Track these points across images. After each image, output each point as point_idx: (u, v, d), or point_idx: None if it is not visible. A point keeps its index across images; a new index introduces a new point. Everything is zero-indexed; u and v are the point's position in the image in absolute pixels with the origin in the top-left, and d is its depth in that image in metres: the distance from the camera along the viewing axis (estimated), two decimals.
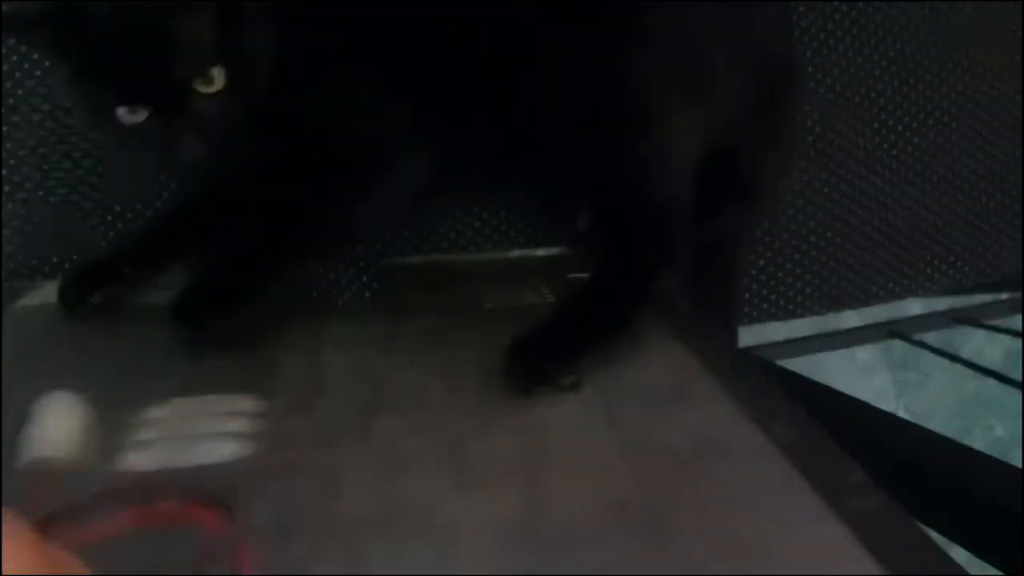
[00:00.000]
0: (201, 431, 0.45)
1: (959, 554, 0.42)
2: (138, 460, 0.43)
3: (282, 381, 0.51)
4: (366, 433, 0.45)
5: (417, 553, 0.36)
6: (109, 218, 0.72)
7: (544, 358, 0.51)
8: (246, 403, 0.48)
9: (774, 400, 0.48)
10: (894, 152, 0.82)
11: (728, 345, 0.68)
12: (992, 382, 1.40)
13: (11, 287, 0.67)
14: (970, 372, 1.42)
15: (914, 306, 0.93)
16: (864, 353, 1.40)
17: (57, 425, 0.44)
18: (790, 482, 0.41)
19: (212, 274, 0.60)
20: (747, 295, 0.80)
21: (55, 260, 0.71)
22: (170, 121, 0.53)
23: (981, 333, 1.39)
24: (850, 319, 0.87)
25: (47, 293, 0.64)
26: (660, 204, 0.60)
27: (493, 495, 0.41)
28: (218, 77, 0.54)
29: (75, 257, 0.71)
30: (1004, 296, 0.88)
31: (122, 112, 0.53)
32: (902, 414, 1.46)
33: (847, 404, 0.55)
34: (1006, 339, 1.40)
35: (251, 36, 0.56)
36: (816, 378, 1.33)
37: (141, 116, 0.53)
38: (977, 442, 1.47)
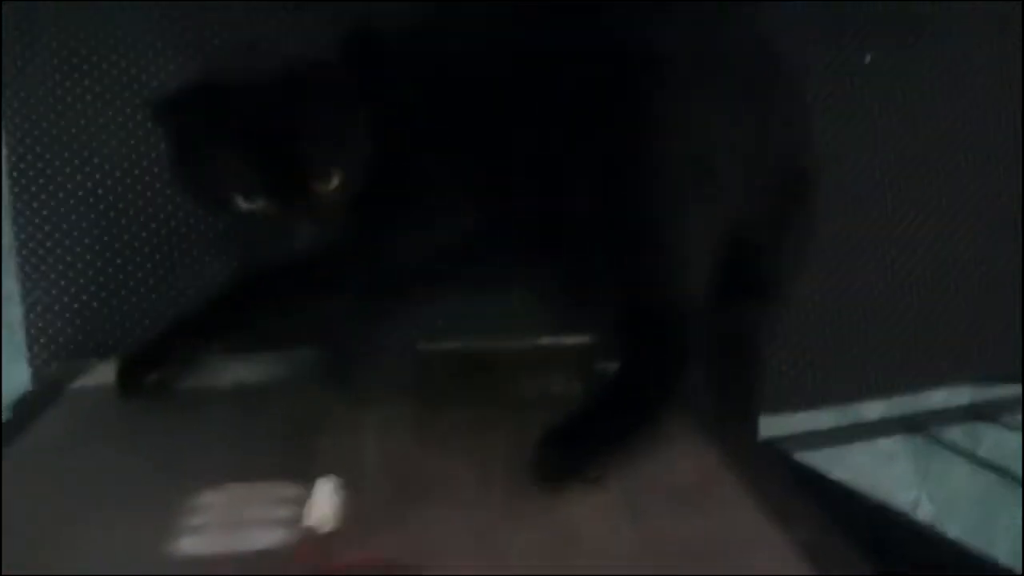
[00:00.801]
0: (251, 517, 0.48)
1: None
2: (193, 545, 0.45)
3: (323, 468, 0.54)
4: (402, 520, 0.48)
5: None
6: (163, 303, 0.76)
7: (573, 452, 0.54)
8: (291, 490, 0.51)
9: (794, 499, 0.50)
10: (906, 245, 0.85)
11: (749, 438, 0.70)
12: (1016, 465, 1.40)
13: (68, 368, 0.70)
14: (996, 457, 1.42)
15: (936, 396, 0.94)
16: (887, 440, 1.40)
17: (328, 504, 0.48)
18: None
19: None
20: (768, 386, 0.82)
21: (110, 342, 0.74)
22: (288, 213, 0.58)
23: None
24: (871, 409, 0.89)
25: (102, 374, 0.68)
26: (677, 305, 0.63)
27: None
28: (336, 178, 0.59)
29: (129, 340, 0.74)
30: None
31: (240, 200, 0.58)
32: (924, 503, 1.44)
33: (864, 503, 0.57)
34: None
35: (360, 137, 0.62)
36: (838, 464, 1.35)
37: (258, 204, 0.58)
38: (1001, 530, 1.45)
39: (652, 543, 0.47)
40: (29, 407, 0.64)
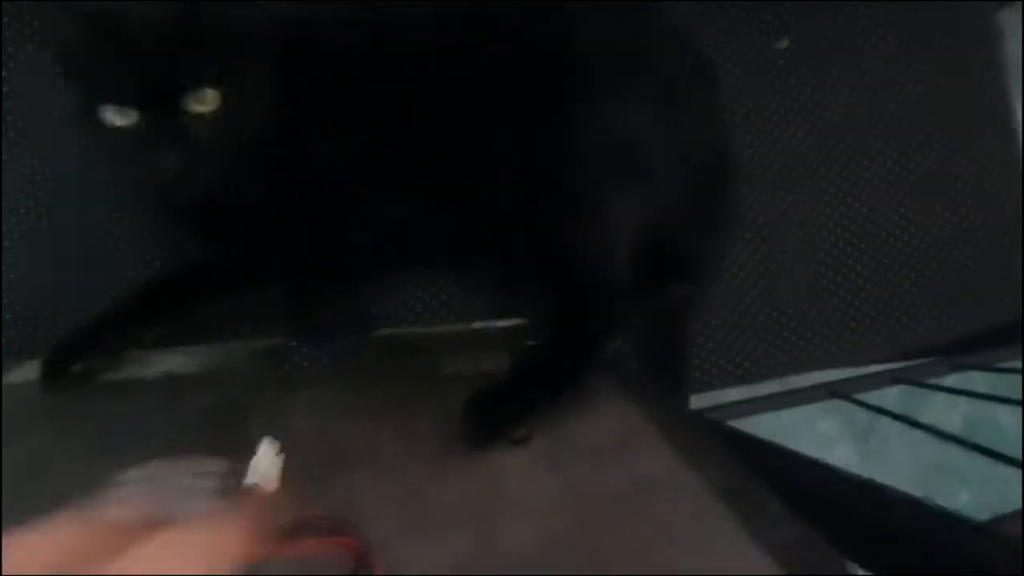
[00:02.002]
0: (174, 487, 0.48)
1: None
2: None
3: (252, 444, 0.54)
4: (329, 484, 0.49)
5: None
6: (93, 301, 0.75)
7: (496, 413, 0.56)
8: (215, 464, 0.51)
9: (708, 445, 0.52)
10: (835, 224, 0.88)
11: (675, 405, 0.72)
12: (954, 450, 1.44)
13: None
14: (932, 439, 1.46)
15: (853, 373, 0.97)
16: (826, 424, 1.43)
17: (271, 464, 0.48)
18: (719, 517, 0.44)
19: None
20: (699, 362, 0.84)
21: (40, 339, 0.74)
22: (156, 128, 0.57)
23: (939, 399, 1.43)
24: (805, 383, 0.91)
25: (29, 371, 0.68)
26: (598, 282, 0.66)
27: (443, 537, 0.44)
28: (211, 99, 0.58)
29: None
30: (946, 360, 0.92)
31: (113, 112, 0.57)
32: None
33: (781, 452, 0.59)
34: (964, 405, 1.44)
35: (252, 77, 0.61)
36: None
37: (130, 120, 0.57)
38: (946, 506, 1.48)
39: (572, 491, 0.48)
40: None
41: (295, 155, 0.66)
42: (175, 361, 0.68)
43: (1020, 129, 0.95)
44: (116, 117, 0.57)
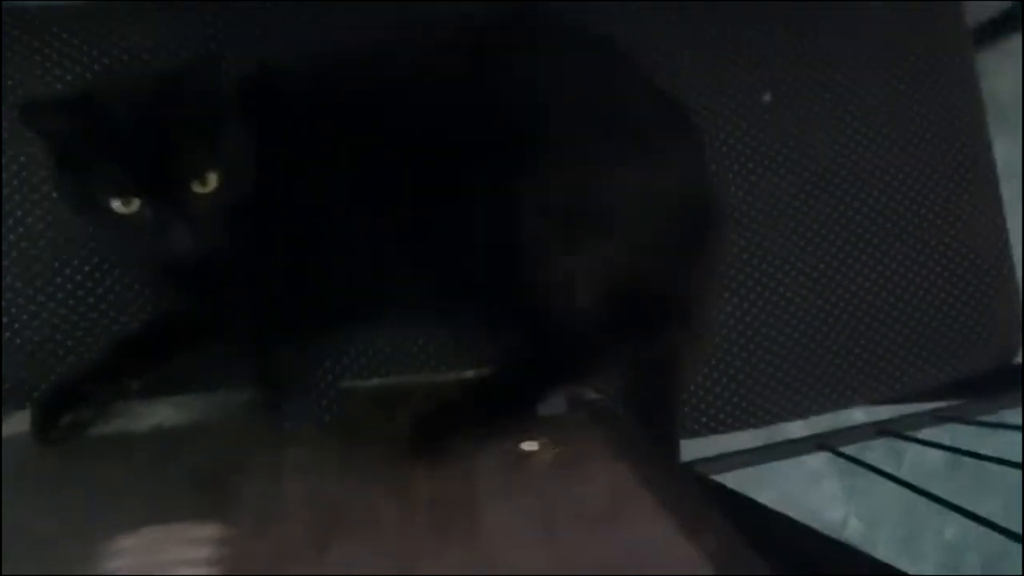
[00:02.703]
0: (169, 559, 0.48)
1: None
2: None
3: (243, 507, 0.54)
4: (321, 557, 0.48)
5: None
6: (80, 351, 0.75)
7: (440, 429, 0.62)
8: (209, 530, 0.51)
9: (703, 510, 0.52)
10: (819, 273, 0.89)
11: (668, 458, 0.72)
12: (938, 486, 1.45)
13: None
14: (915, 476, 1.46)
15: (855, 415, 0.98)
16: (813, 460, 1.44)
17: None
18: None
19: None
20: (687, 410, 0.84)
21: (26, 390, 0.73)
22: (163, 214, 0.60)
23: (921, 435, 1.45)
24: (794, 430, 0.92)
25: (19, 423, 0.67)
26: (559, 329, 0.70)
27: None
28: (211, 180, 0.61)
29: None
30: (933, 406, 0.93)
31: (116, 203, 0.59)
32: (852, 520, 1.49)
33: (777, 519, 0.59)
34: (946, 440, 1.45)
35: (238, 145, 0.64)
36: (768, 486, 1.38)
37: (134, 207, 0.59)
38: (928, 546, 1.50)
39: (567, 564, 0.48)
40: None
41: (273, 203, 0.67)
42: (164, 413, 0.67)
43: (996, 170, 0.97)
44: (119, 206, 0.59)
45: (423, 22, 0.82)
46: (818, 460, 1.44)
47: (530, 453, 0.62)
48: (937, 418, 0.85)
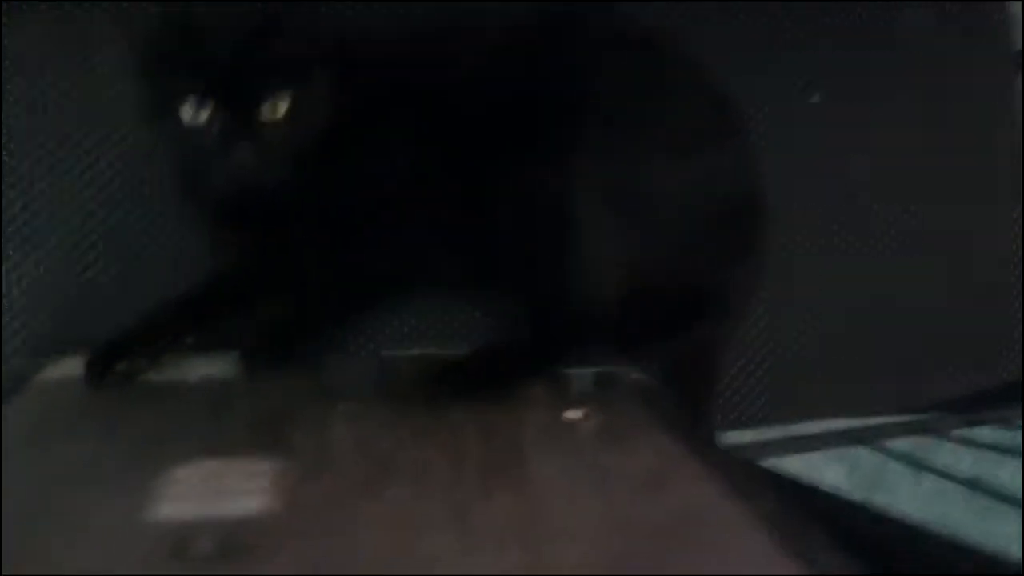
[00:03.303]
0: (227, 488, 0.49)
1: None
2: (173, 510, 0.46)
3: (296, 452, 0.55)
4: (378, 496, 0.49)
5: None
6: (136, 301, 0.76)
7: (453, 384, 0.67)
8: (265, 466, 0.52)
9: (749, 477, 0.53)
10: (855, 276, 0.90)
11: (711, 439, 0.73)
12: (958, 506, 1.44)
13: (33, 363, 0.70)
14: (935, 492, 1.46)
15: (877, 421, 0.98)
16: (831, 473, 1.44)
17: None
18: (767, 550, 0.45)
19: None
20: (721, 402, 0.85)
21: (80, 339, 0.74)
22: (229, 129, 0.62)
23: (944, 456, 1.44)
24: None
25: (68, 368, 0.68)
26: (575, 306, 0.72)
27: (495, 554, 0.44)
28: (281, 107, 0.63)
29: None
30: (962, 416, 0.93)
31: (188, 111, 0.61)
32: None
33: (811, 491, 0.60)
34: (969, 460, 1.45)
35: (316, 88, 0.66)
36: None
37: (203, 119, 0.61)
38: None
39: (620, 517, 0.48)
40: None
41: (347, 161, 0.70)
42: (215, 366, 0.69)
43: None
44: (191, 116, 0.61)
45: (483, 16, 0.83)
46: (836, 472, 1.43)
47: (574, 422, 0.63)
48: (969, 422, 0.85)
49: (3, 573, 0.39)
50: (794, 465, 1.38)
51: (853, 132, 0.92)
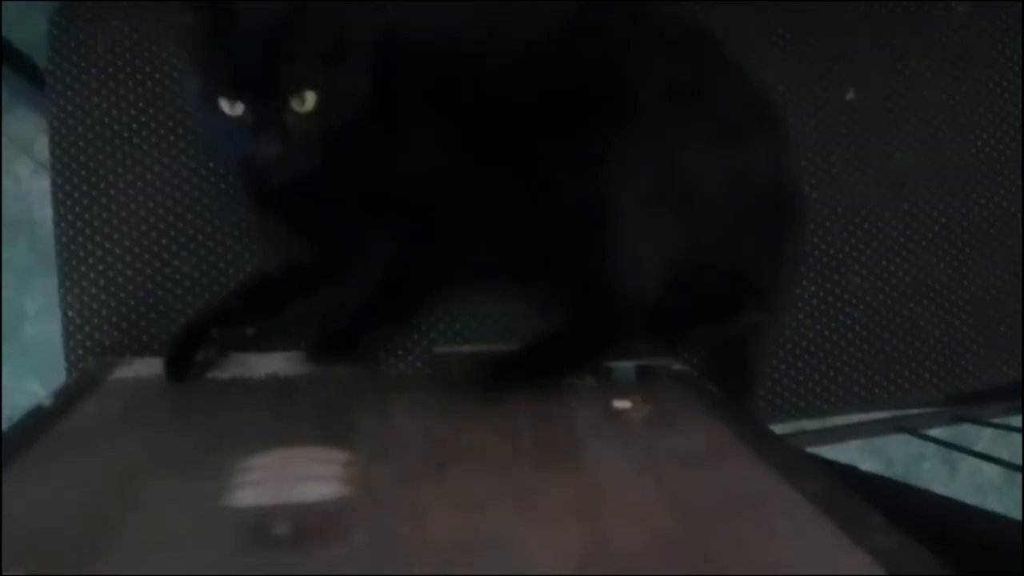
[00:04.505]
0: (301, 474, 0.51)
1: None
2: (250, 496, 0.49)
3: (362, 439, 0.58)
4: (442, 478, 0.52)
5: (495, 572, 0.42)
6: (189, 298, 0.80)
7: (510, 373, 0.70)
8: (335, 454, 0.54)
9: (801, 460, 0.54)
10: (896, 267, 0.91)
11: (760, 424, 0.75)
12: (992, 496, 1.44)
13: (104, 363, 0.73)
14: (969, 487, 1.46)
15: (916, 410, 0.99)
16: (866, 466, 1.44)
17: None
18: (820, 524, 0.47)
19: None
20: (762, 393, 0.87)
21: (145, 341, 0.78)
22: (259, 120, 0.65)
23: (980, 446, 1.44)
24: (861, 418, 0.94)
25: (138, 368, 0.72)
26: (621, 297, 0.74)
27: (557, 532, 0.46)
28: (309, 100, 0.66)
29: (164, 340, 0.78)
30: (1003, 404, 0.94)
31: (225, 103, 0.64)
32: None
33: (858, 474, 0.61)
34: (1005, 452, 1.45)
35: (347, 79, 0.69)
36: None
37: (238, 110, 0.65)
38: None
39: (674, 497, 0.50)
40: (68, 397, 0.66)
41: (381, 152, 0.73)
42: (277, 364, 0.72)
43: None
44: (227, 107, 0.65)
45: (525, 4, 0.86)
46: (869, 467, 1.44)
47: (624, 410, 0.65)
48: (1012, 409, 0.86)
49: (3, 573, 0.40)
50: (827, 456, 1.40)
51: (893, 126, 0.93)
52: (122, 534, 0.45)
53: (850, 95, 0.92)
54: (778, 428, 0.86)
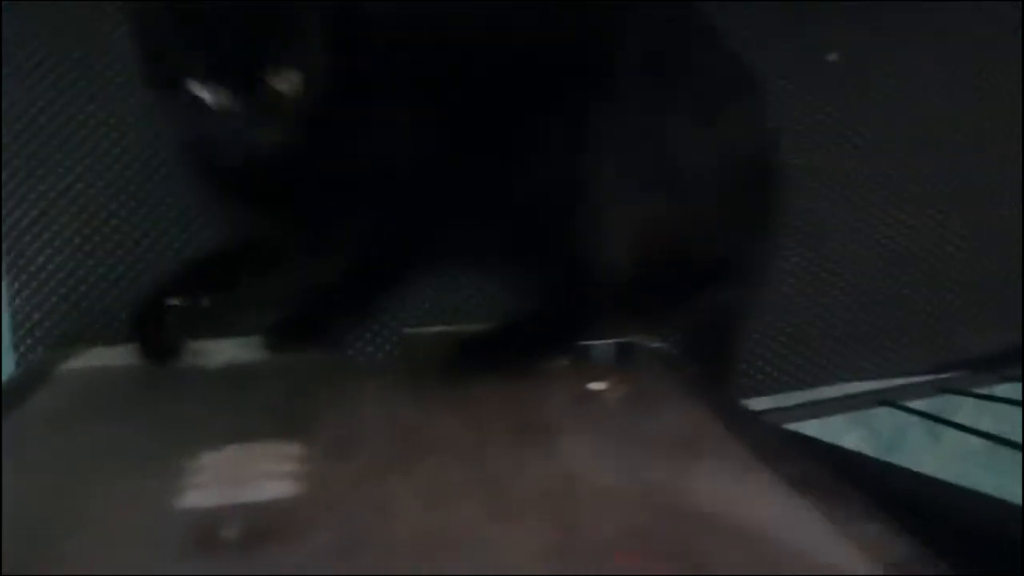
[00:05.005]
0: (254, 472, 0.49)
1: None
2: (199, 498, 0.46)
3: (322, 432, 0.55)
4: (408, 471, 0.49)
5: (465, 571, 0.39)
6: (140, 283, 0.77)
7: (477, 359, 0.67)
8: (291, 449, 0.52)
9: (778, 443, 0.52)
10: (880, 235, 0.89)
11: (738, 405, 0.73)
12: (976, 464, 1.44)
13: (54, 354, 0.70)
14: (954, 455, 1.46)
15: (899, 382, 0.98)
16: (851, 438, 1.44)
17: None
18: (799, 509, 0.45)
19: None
20: (744, 367, 0.85)
21: (96, 330, 0.75)
22: (241, 103, 0.60)
23: (962, 417, 1.44)
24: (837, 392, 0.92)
25: (89, 359, 0.69)
26: (598, 274, 0.71)
27: (528, 523, 0.44)
28: (294, 80, 0.62)
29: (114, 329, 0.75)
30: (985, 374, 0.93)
31: (200, 89, 0.59)
32: None
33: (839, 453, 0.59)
34: (988, 420, 1.44)
35: (322, 55, 0.64)
36: None
37: (216, 96, 0.59)
38: None
39: (649, 484, 0.48)
40: (16, 390, 0.63)
41: (350, 129, 0.69)
42: (233, 352, 0.69)
43: None
44: (205, 94, 0.59)
45: None
46: (855, 438, 1.44)
47: (599, 392, 0.62)
48: (1004, 378, 0.85)
49: (3, 573, 0.38)
50: (814, 430, 1.39)
51: (875, 90, 0.91)
52: (67, 538, 0.43)
53: (833, 56, 0.89)
54: (759, 402, 0.85)
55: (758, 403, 0.86)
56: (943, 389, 0.83)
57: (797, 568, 0.40)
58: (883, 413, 0.91)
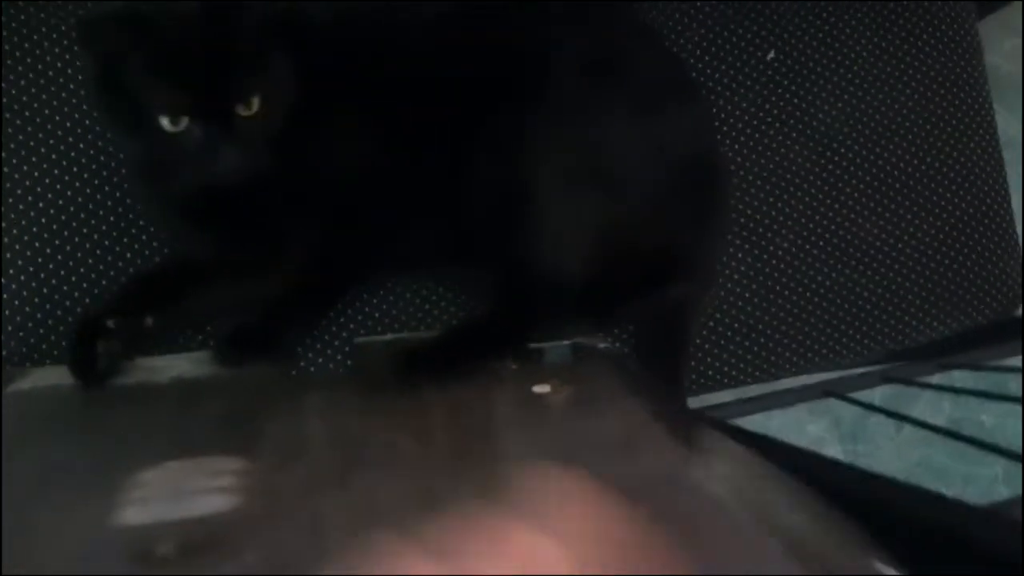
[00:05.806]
0: (190, 488, 0.49)
1: None
2: (138, 514, 0.46)
3: (265, 445, 0.55)
4: (345, 485, 0.49)
5: None
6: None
7: (425, 363, 0.68)
8: (232, 463, 0.52)
9: (717, 442, 0.53)
10: (823, 229, 0.90)
11: (676, 401, 0.74)
12: (938, 450, 1.47)
13: (3, 374, 0.70)
14: (917, 441, 1.48)
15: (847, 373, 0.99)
16: (815, 427, 1.46)
17: None
18: (733, 512, 0.45)
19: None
20: (693, 364, 0.86)
21: (44, 347, 0.74)
22: (210, 132, 0.62)
23: (923, 402, 1.47)
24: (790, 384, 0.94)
25: (35, 379, 0.68)
26: (545, 278, 0.72)
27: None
28: (254, 103, 0.63)
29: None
30: (933, 360, 0.95)
31: (166, 121, 0.61)
32: None
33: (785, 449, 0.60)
34: (947, 407, 1.47)
35: (280, 75, 0.66)
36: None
37: (182, 126, 0.61)
38: None
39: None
40: None
41: (299, 144, 0.69)
42: (183, 367, 0.69)
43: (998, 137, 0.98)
44: (168, 124, 0.61)
45: None
46: (819, 426, 1.46)
47: (543, 395, 0.63)
48: (942, 365, 0.86)
49: (3, 573, 0.39)
50: (776, 421, 1.41)
51: (817, 85, 0.92)
52: (5, 560, 0.42)
53: (771, 55, 0.90)
54: (710, 398, 0.86)
55: (717, 397, 0.87)
56: (888, 378, 0.85)
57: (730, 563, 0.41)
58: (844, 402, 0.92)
